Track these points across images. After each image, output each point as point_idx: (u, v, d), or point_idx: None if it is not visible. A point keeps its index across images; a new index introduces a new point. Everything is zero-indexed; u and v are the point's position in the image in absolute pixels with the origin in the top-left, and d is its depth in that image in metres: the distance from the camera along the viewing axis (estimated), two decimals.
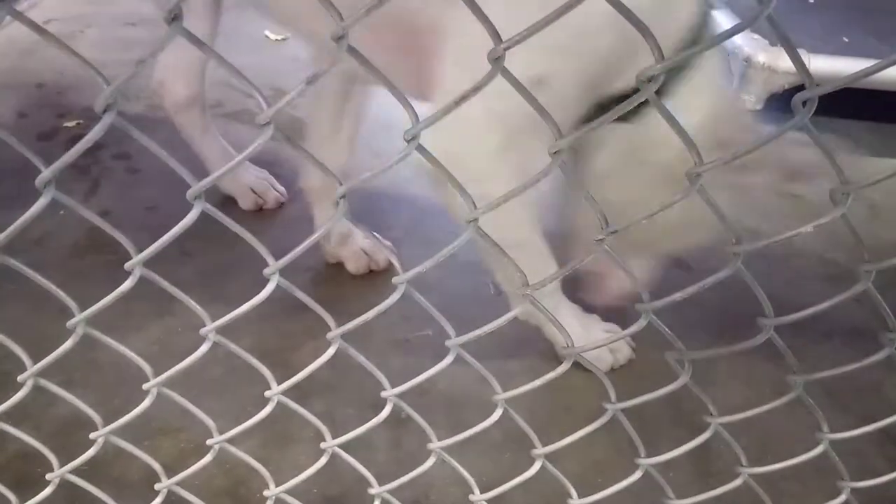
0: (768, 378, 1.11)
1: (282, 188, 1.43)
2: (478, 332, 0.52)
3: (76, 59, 0.40)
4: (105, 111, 0.41)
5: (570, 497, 0.64)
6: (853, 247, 0.49)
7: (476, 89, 0.40)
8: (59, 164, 0.42)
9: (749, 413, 0.57)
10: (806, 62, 0.42)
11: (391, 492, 0.64)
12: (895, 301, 0.52)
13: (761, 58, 1.78)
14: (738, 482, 0.63)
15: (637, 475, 0.62)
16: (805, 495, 0.89)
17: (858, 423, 0.62)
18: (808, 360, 1.17)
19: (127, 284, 0.46)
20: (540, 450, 0.58)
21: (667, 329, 0.52)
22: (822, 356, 1.18)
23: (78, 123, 1.61)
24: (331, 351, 0.52)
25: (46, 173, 0.42)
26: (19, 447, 0.70)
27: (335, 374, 1.01)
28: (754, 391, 1.11)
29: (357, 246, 1.28)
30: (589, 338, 1.08)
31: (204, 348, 0.50)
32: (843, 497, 0.65)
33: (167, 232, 0.45)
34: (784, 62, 1.74)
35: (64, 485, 0.64)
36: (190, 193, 0.43)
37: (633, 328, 0.50)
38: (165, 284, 0.48)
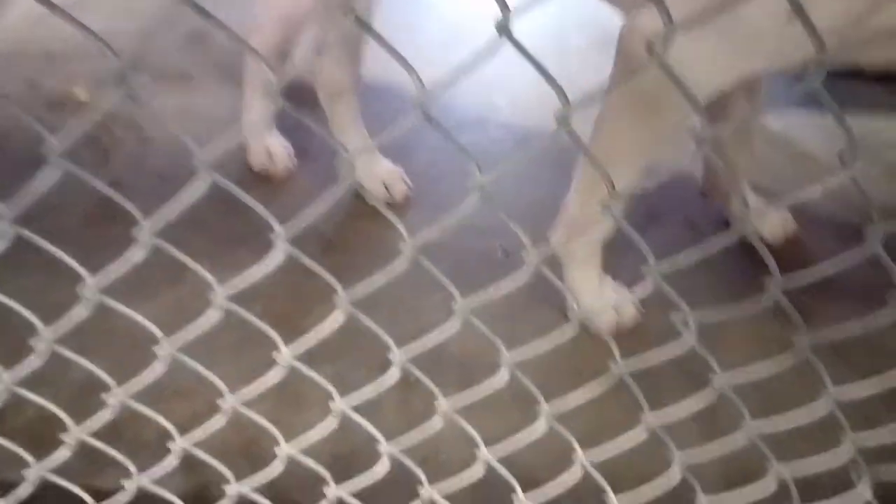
0: (776, 338, 1.12)
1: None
2: (485, 295, 0.53)
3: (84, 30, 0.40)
4: (116, 84, 0.42)
5: (576, 454, 0.66)
6: (866, 207, 0.49)
7: None
8: (67, 134, 0.42)
9: (755, 372, 0.57)
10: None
11: (401, 451, 0.66)
12: None
13: None
14: (742, 439, 0.64)
15: (642, 433, 0.63)
16: (811, 452, 0.90)
17: (866, 381, 0.62)
18: (818, 319, 1.17)
19: (136, 251, 0.46)
20: (545, 406, 0.59)
21: (672, 290, 0.52)
22: (831, 316, 1.17)
23: (88, 93, 1.61)
24: (339, 315, 0.53)
25: (55, 143, 0.42)
26: (37, 411, 0.72)
27: (345, 338, 1.02)
28: (762, 351, 1.11)
29: (378, 171, 1.32)
30: (602, 295, 1.09)
31: (215, 313, 0.51)
32: (848, 452, 0.65)
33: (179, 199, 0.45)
34: None
35: (81, 446, 0.66)
36: (199, 162, 0.43)
37: (640, 290, 0.51)
38: (175, 252, 0.49)
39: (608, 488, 0.68)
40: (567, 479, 0.66)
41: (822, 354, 0.56)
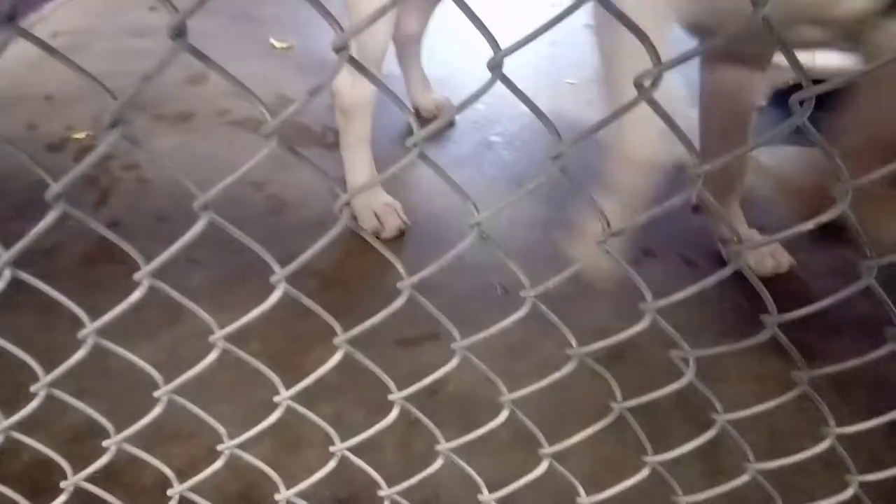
0: (776, 373, 1.12)
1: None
2: (484, 333, 0.53)
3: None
4: (112, 126, 0.42)
5: (579, 495, 0.65)
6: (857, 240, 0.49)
7: None
8: (67, 178, 0.43)
9: (755, 409, 0.57)
10: (811, 60, 0.42)
11: (401, 493, 0.65)
12: None
13: None
14: (745, 478, 0.63)
15: (645, 473, 0.62)
16: (814, 489, 0.89)
17: (866, 417, 0.62)
18: (817, 354, 1.17)
19: (136, 295, 0.47)
20: (547, 449, 0.59)
21: (671, 328, 0.52)
22: (830, 351, 1.18)
23: (87, 135, 1.63)
24: (337, 356, 0.53)
25: (56, 187, 0.43)
26: (34, 455, 0.71)
27: (343, 377, 1.02)
28: (762, 386, 1.11)
29: (373, 203, 1.38)
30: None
31: (213, 356, 0.51)
32: (851, 491, 0.65)
33: (178, 240, 0.45)
34: None
35: (78, 492, 0.65)
36: (197, 204, 0.44)
37: (637, 328, 0.51)
38: (174, 294, 0.49)
39: None
40: None
41: (820, 387, 0.56)
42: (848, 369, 0.55)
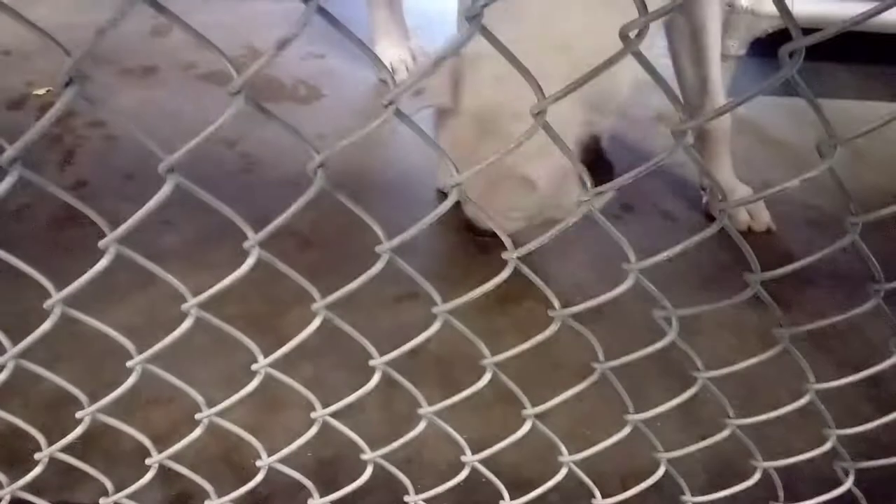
0: (752, 326, 1.13)
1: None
2: (465, 297, 0.52)
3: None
4: (68, 84, 0.40)
5: (561, 454, 0.65)
6: (836, 192, 0.49)
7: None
8: (22, 142, 0.40)
9: (736, 367, 0.57)
10: (790, 4, 0.40)
11: (384, 455, 0.65)
12: (878, 247, 0.52)
13: (744, 1, 1.75)
14: (725, 433, 0.64)
15: (626, 430, 0.62)
16: (790, 440, 0.91)
17: (842, 368, 0.63)
18: (792, 307, 1.19)
19: (102, 263, 0.45)
20: (529, 410, 0.59)
21: (654, 287, 0.52)
22: (805, 302, 1.19)
23: (48, 91, 1.56)
24: (316, 322, 0.52)
25: (10, 151, 0.40)
26: (8, 425, 0.70)
27: (323, 339, 1.00)
28: (739, 339, 1.13)
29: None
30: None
31: (187, 324, 0.50)
32: (829, 444, 0.66)
33: (147, 201, 0.43)
34: (767, 6, 1.71)
35: (56, 460, 0.64)
36: (162, 167, 0.42)
37: (621, 288, 0.50)
38: (143, 261, 0.47)
39: (594, 488, 0.68)
40: (553, 480, 0.66)
41: (796, 339, 0.56)
42: (828, 324, 0.55)
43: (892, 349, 0.56)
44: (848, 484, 0.68)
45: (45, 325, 0.49)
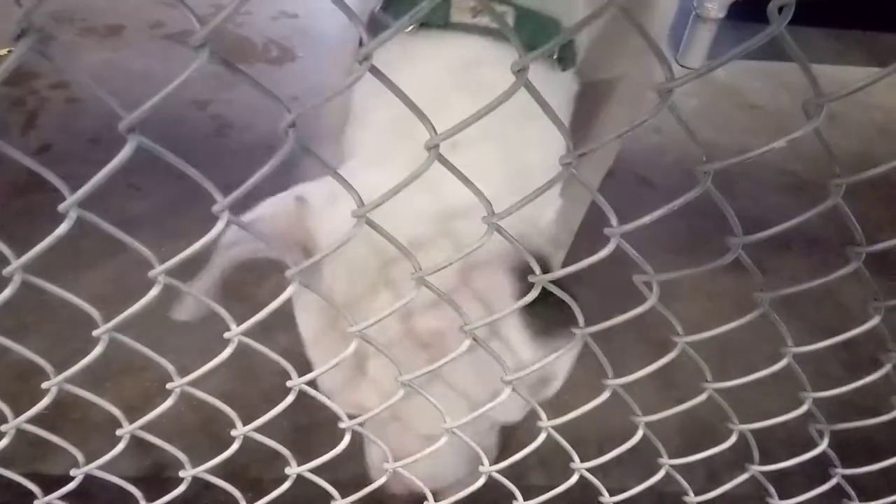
0: (727, 290, 1.14)
1: None
2: (444, 265, 0.51)
3: None
4: (19, 37, 0.37)
5: (540, 419, 0.65)
6: (812, 157, 0.48)
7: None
8: None
9: (716, 331, 0.57)
10: None
11: (361, 423, 0.64)
12: (853, 212, 0.52)
13: None
14: (702, 397, 0.64)
15: (605, 395, 0.62)
16: (764, 402, 0.93)
17: (815, 331, 0.63)
18: (767, 269, 1.20)
19: (63, 227, 0.42)
20: (509, 377, 0.58)
21: (635, 252, 0.51)
22: (780, 265, 1.20)
23: (9, 51, 1.50)
24: (290, 290, 0.50)
25: None
26: None
27: None
28: (713, 303, 1.14)
29: None
30: None
31: (154, 292, 0.48)
32: (805, 407, 0.67)
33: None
34: None
35: (24, 432, 0.62)
36: (122, 126, 0.39)
37: (602, 253, 0.49)
38: (108, 227, 0.45)
39: (573, 452, 0.68)
40: (532, 445, 0.66)
41: (773, 306, 0.56)
42: (806, 289, 0.55)
43: (871, 312, 0.56)
44: (823, 445, 0.69)
45: (6, 293, 0.47)
